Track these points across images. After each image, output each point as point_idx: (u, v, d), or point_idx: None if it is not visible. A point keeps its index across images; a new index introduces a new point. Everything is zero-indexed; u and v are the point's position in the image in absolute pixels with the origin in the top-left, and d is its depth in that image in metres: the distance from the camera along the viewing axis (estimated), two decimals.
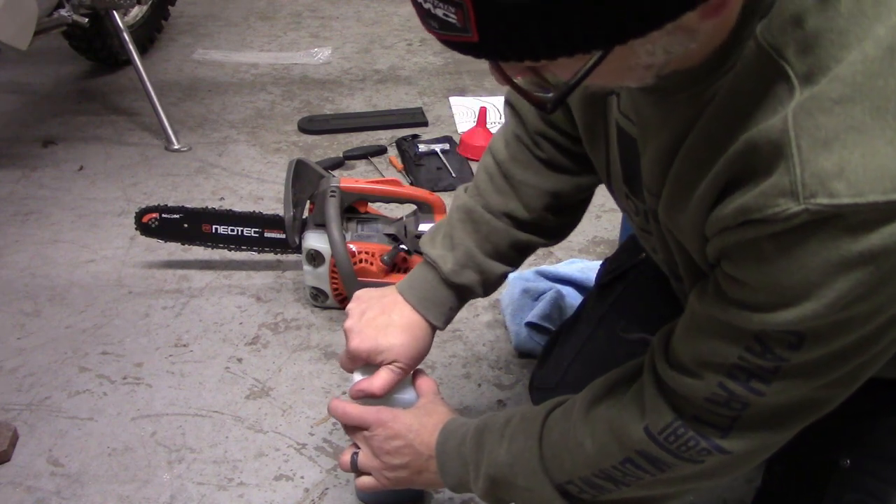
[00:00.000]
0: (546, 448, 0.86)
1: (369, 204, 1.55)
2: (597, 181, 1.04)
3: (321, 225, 1.45)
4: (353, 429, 1.00)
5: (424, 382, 1.04)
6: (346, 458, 1.00)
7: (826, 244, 0.60)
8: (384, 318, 1.01)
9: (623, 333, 1.15)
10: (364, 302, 1.03)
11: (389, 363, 0.99)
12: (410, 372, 1.03)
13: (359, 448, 0.99)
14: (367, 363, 1.01)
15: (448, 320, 1.05)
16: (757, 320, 0.66)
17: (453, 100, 2.39)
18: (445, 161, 2.03)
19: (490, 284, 1.05)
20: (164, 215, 1.58)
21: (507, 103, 1.04)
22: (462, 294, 1.04)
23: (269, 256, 1.65)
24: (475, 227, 1.02)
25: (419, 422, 0.96)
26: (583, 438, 0.82)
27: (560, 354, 1.21)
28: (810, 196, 0.58)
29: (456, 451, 0.92)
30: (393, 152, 2.11)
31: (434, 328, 1.03)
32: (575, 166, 1.02)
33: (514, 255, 1.06)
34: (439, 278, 1.02)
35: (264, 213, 1.59)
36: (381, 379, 0.99)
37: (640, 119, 0.76)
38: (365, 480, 0.99)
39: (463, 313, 1.53)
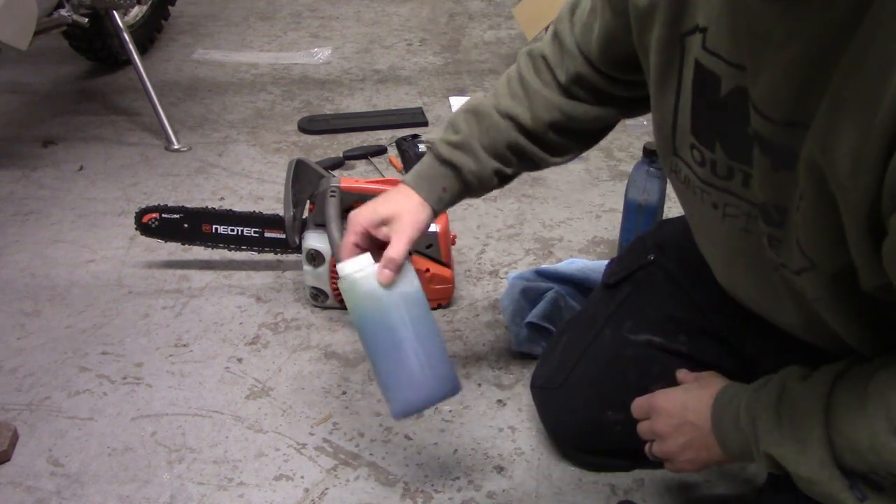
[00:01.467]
0: (837, 435, 0.77)
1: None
2: (616, 119, 1.08)
3: (321, 225, 1.45)
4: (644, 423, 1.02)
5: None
6: (648, 448, 1.01)
7: None
8: (382, 196, 1.08)
9: (630, 334, 1.15)
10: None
11: (386, 227, 1.04)
12: (408, 254, 1.03)
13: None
14: (362, 237, 1.04)
15: (441, 202, 1.08)
16: None
17: (453, 100, 2.39)
18: None
19: (482, 179, 1.08)
20: (164, 215, 1.58)
21: (555, 35, 1.07)
22: (457, 175, 1.08)
23: (269, 256, 1.65)
24: (477, 119, 1.07)
25: (694, 396, 0.95)
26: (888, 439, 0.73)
27: (565, 354, 1.21)
28: None
29: (733, 427, 0.88)
30: (393, 152, 2.11)
31: (430, 208, 1.07)
32: (593, 98, 1.06)
33: (510, 157, 1.09)
34: (433, 156, 1.08)
35: (264, 213, 1.60)
36: (393, 245, 1.01)
37: (753, 39, 0.71)
38: (672, 465, 0.99)
39: (463, 313, 1.53)
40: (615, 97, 1.06)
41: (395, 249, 1.01)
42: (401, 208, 1.05)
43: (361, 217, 1.05)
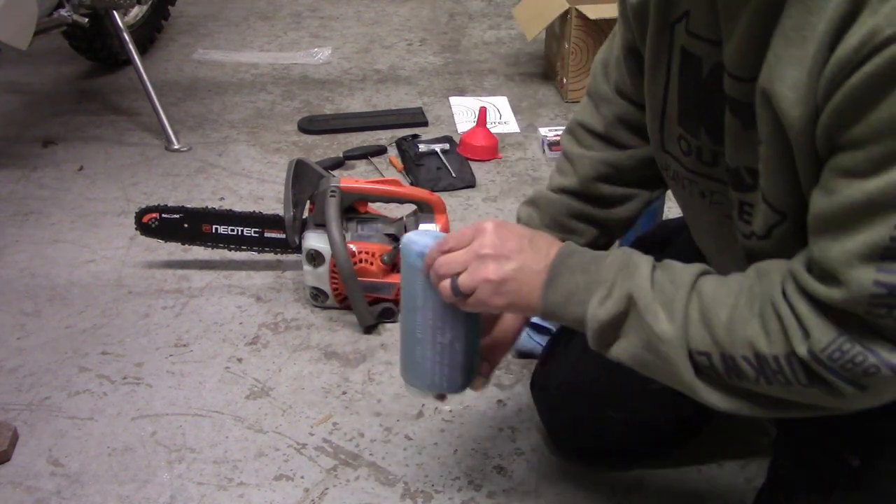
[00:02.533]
0: (696, 303, 0.77)
1: (369, 204, 1.55)
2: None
3: (321, 225, 1.45)
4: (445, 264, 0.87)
5: None
6: (447, 284, 0.86)
7: None
8: None
9: None
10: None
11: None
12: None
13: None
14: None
15: None
16: None
17: (453, 100, 2.39)
18: (445, 161, 2.02)
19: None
20: (164, 215, 1.58)
21: (588, 96, 1.09)
22: None
23: (269, 256, 1.65)
24: (535, 205, 1.10)
25: (532, 232, 0.89)
26: (749, 316, 0.74)
27: (566, 352, 1.20)
28: None
29: (581, 267, 0.83)
30: (393, 152, 2.11)
31: None
32: (639, 139, 1.05)
33: (574, 225, 1.09)
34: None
35: (264, 213, 1.60)
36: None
37: (726, 4, 0.74)
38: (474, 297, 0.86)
39: None
40: (641, 129, 1.05)
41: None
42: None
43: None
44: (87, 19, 2.11)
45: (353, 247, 1.45)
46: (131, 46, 2.19)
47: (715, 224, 0.91)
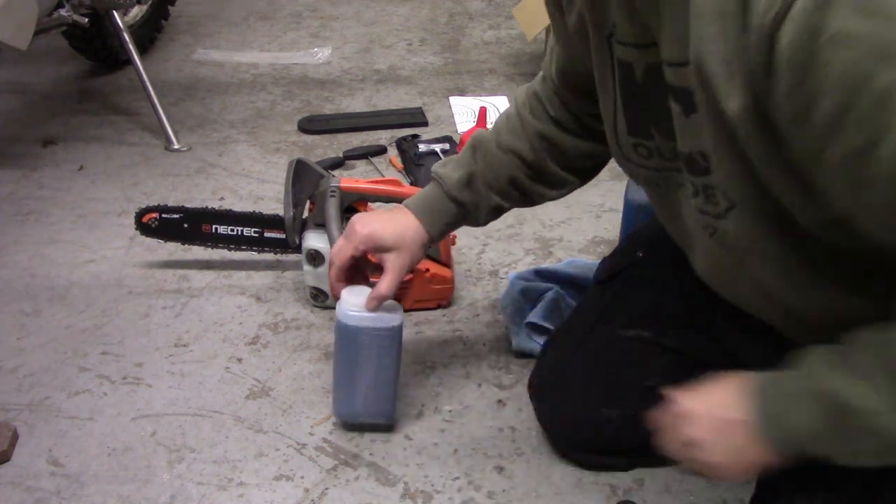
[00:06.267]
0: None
1: (369, 204, 1.55)
2: (607, 156, 1.12)
3: (321, 225, 1.45)
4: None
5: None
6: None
7: None
8: (386, 215, 1.15)
9: (620, 330, 1.16)
10: (371, 211, 1.16)
11: (383, 253, 1.11)
12: (397, 284, 1.12)
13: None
14: (359, 254, 1.13)
15: (442, 233, 1.17)
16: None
17: (453, 100, 2.39)
18: None
19: (482, 214, 1.16)
20: (164, 215, 1.58)
21: (542, 77, 1.15)
22: (461, 211, 1.15)
23: (269, 256, 1.65)
24: (482, 156, 1.14)
25: (720, 390, 0.83)
26: None
27: (559, 352, 1.21)
28: None
29: (804, 391, 0.75)
30: (393, 152, 2.11)
31: (429, 237, 1.14)
32: (580, 129, 1.11)
33: (511, 192, 1.15)
34: (442, 192, 1.14)
35: (264, 213, 1.60)
36: (385, 281, 1.10)
37: (642, 7, 0.78)
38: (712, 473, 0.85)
39: (463, 313, 1.53)
40: (595, 130, 1.08)
41: (386, 286, 1.11)
42: (402, 240, 1.12)
43: (362, 237, 1.11)
44: (87, 19, 2.11)
45: None
46: (131, 46, 2.19)
47: (686, 219, 0.92)
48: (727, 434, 0.81)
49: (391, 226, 1.12)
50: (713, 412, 0.83)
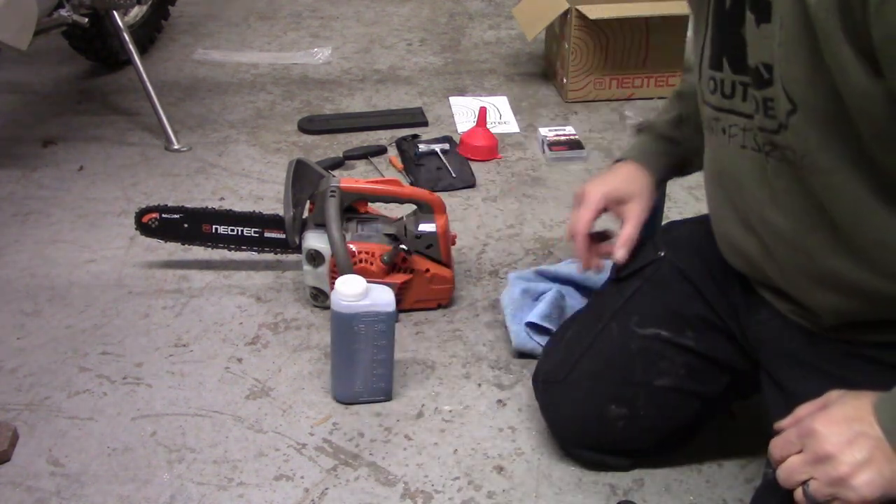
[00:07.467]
0: None
1: (369, 204, 1.55)
2: None
3: (321, 225, 1.45)
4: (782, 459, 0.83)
5: None
6: (799, 494, 0.79)
7: None
8: (609, 174, 1.20)
9: (637, 328, 1.15)
10: (593, 177, 1.22)
11: (622, 206, 1.17)
12: (640, 227, 1.18)
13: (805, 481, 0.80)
14: (599, 216, 1.19)
15: (664, 176, 1.22)
16: None
17: (453, 100, 2.39)
18: (445, 161, 2.02)
19: (696, 152, 1.12)
20: (164, 215, 1.58)
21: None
22: (677, 149, 1.20)
23: (269, 256, 1.65)
24: (688, 100, 1.15)
25: (852, 407, 0.79)
26: None
27: (570, 347, 1.20)
28: None
29: None
30: (393, 152, 2.11)
31: (655, 179, 1.19)
32: None
33: (679, 134, 1.21)
34: (654, 135, 1.21)
35: (264, 213, 1.60)
36: (628, 227, 1.17)
37: None
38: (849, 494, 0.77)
39: (463, 313, 1.53)
40: None
41: (631, 231, 1.17)
42: (636, 189, 1.18)
43: (598, 198, 1.18)
44: (87, 19, 2.11)
45: (352, 247, 1.45)
46: (131, 46, 2.19)
47: (740, 161, 0.94)
48: (863, 447, 0.76)
49: (619, 178, 1.19)
50: (846, 425, 0.78)
